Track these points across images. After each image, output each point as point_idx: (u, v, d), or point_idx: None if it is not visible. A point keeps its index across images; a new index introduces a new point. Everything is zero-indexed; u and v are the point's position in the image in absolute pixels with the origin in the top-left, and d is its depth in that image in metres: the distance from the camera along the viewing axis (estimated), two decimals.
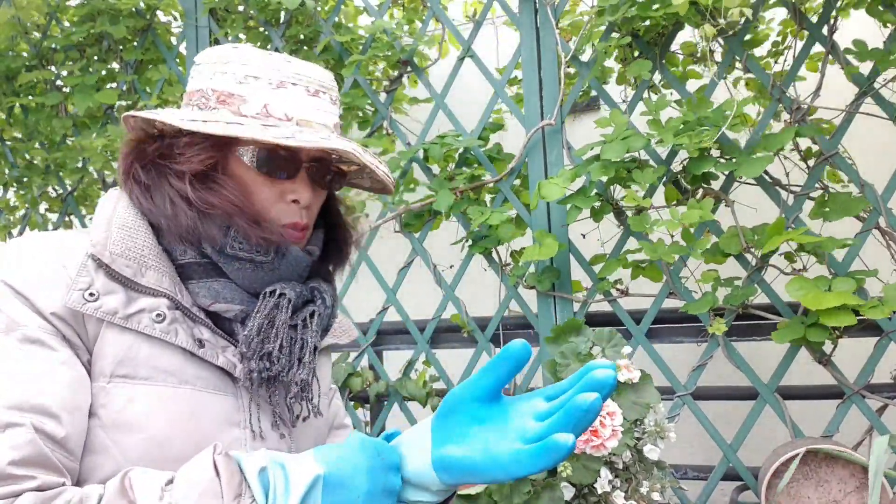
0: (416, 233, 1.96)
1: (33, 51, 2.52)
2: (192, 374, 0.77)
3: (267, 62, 0.82)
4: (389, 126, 2.05)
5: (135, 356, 0.74)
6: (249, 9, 2.20)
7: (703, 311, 1.54)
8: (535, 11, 1.82)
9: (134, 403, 0.72)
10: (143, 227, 0.80)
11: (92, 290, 0.73)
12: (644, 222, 1.58)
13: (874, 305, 1.39)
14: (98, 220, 0.79)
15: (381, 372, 2.01)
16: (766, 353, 1.77)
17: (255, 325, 0.78)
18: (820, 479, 1.37)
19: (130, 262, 0.76)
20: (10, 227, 2.70)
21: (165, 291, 0.77)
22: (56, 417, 0.68)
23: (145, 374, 0.74)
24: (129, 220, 0.80)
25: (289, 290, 0.81)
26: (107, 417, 0.72)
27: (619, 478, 1.04)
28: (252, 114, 0.80)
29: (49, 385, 0.68)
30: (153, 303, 0.76)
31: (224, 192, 0.79)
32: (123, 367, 0.73)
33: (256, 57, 0.83)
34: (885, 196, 1.49)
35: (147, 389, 0.74)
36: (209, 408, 0.77)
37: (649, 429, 1.09)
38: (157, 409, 0.73)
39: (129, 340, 0.74)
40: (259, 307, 0.79)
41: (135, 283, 0.76)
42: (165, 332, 0.75)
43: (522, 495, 1.01)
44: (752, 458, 1.66)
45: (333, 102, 0.87)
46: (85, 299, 0.72)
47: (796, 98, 1.60)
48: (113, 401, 0.72)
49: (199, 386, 0.77)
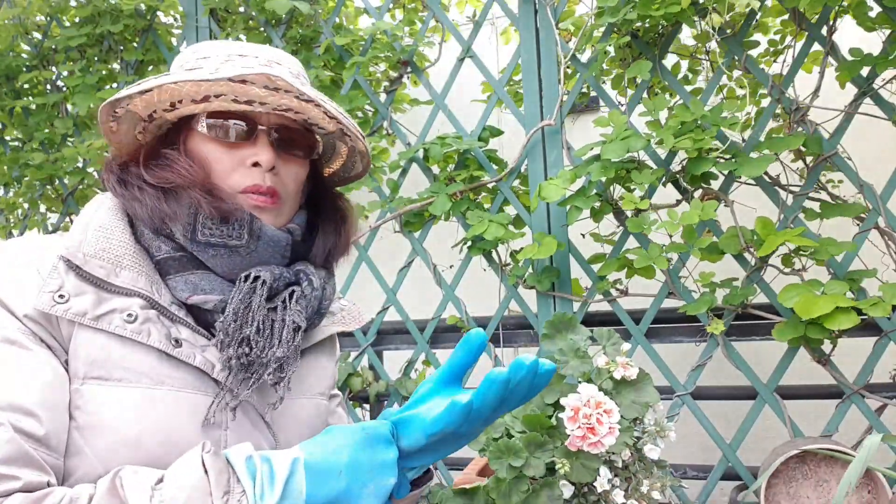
0: (416, 232, 1.96)
1: (34, 51, 2.52)
2: (167, 373, 0.75)
3: (217, 46, 0.84)
4: (389, 126, 2.05)
5: (107, 357, 0.73)
6: (250, 9, 2.20)
7: (701, 311, 1.54)
8: (534, 12, 1.82)
9: (106, 406, 0.71)
10: (121, 227, 0.80)
11: (62, 291, 0.73)
12: (642, 223, 1.58)
13: (874, 303, 1.39)
14: (77, 224, 0.80)
15: (381, 372, 2.01)
16: (765, 353, 1.77)
17: (231, 311, 0.76)
18: (819, 479, 1.37)
19: (104, 262, 0.76)
20: (11, 228, 2.69)
21: (140, 291, 0.76)
22: (34, 416, 0.67)
23: (119, 376, 0.73)
24: (106, 221, 0.80)
25: (265, 272, 0.79)
26: (81, 419, 0.71)
27: (618, 477, 1.04)
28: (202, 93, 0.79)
29: (26, 384, 0.68)
30: (125, 303, 0.75)
31: (176, 166, 0.79)
32: (96, 369, 0.72)
33: (208, 44, 0.84)
34: (883, 196, 1.49)
35: (120, 391, 0.72)
36: (186, 408, 0.75)
37: (649, 428, 1.09)
38: (130, 411, 0.72)
39: (101, 341, 0.73)
40: (234, 293, 0.78)
41: (108, 283, 0.75)
42: (137, 332, 0.74)
43: (521, 493, 1.01)
44: (751, 457, 1.66)
45: (295, 76, 0.85)
46: (55, 301, 0.72)
47: (795, 98, 1.61)
48: (86, 403, 0.71)
49: (177, 386, 0.75)
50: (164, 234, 0.80)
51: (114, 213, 0.82)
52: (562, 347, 1.10)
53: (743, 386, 1.68)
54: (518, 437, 1.06)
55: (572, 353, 1.10)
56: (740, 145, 1.60)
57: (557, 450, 1.03)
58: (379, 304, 1.98)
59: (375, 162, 2.24)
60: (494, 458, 1.04)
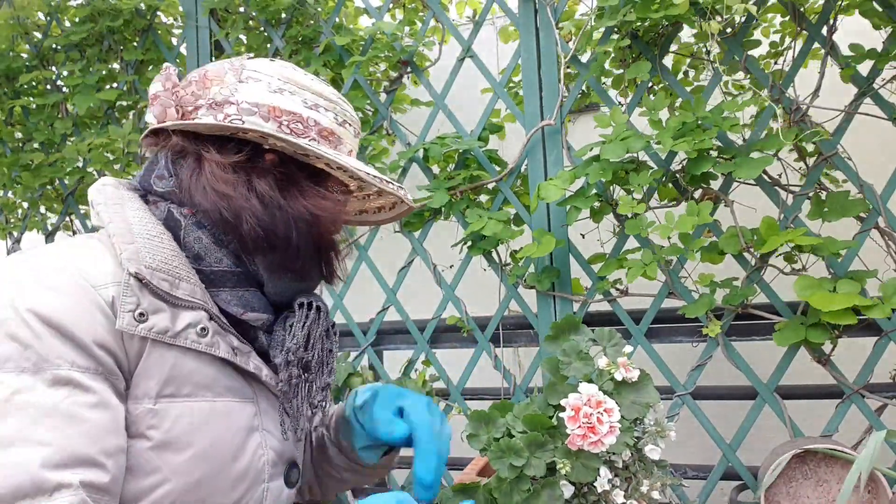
0: (416, 232, 1.96)
1: (33, 51, 2.52)
2: (224, 385, 0.78)
3: (338, 101, 0.90)
4: (389, 126, 2.05)
5: (178, 374, 0.73)
6: (250, 9, 2.20)
7: (700, 313, 1.54)
8: (534, 12, 1.82)
9: (179, 422, 0.72)
10: (167, 235, 0.79)
11: (140, 310, 0.71)
12: (640, 225, 1.58)
13: (875, 304, 1.39)
14: (118, 229, 0.75)
15: (381, 372, 2.01)
16: (765, 353, 1.77)
17: (301, 337, 0.82)
18: (819, 479, 1.37)
19: (165, 274, 0.74)
20: (10, 228, 2.69)
21: (200, 303, 0.76)
22: (101, 466, 0.65)
23: (187, 391, 0.74)
24: (150, 226, 0.78)
25: (317, 301, 0.86)
26: (156, 438, 0.71)
27: (618, 477, 1.04)
28: (345, 152, 0.89)
29: (88, 432, 0.65)
30: (195, 316, 0.75)
31: (328, 202, 0.87)
32: (168, 387, 0.72)
33: (331, 93, 0.89)
34: (884, 196, 1.49)
35: (190, 406, 0.74)
36: (237, 417, 0.79)
37: (649, 428, 1.09)
38: (202, 426, 0.74)
39: (172, 358, 0.73)
40: (299, 317, 0.83)
41: (173, 296, 0.74)
42: (210, 345, 0.76)
43: (522, 492, 1.02)
44: (751, 457, 1.66)
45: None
46: (136, 321, 0.70)
47: (796, 98, 1.61)
48: (161, 421, 0.71)
49: (230, 397, 0.78)
50: (226, 247, 0.81)
51: (147, 214, 0.80)
52: (565, 349, 1.11)
53: (743, 386, 1.68)
54: (519, 437, 1.06)
55: (575, 356, 1.10)
56: (740, 145, 1.60)
57: (558, 450, 1.03)
58: (379, 304, 1.98)
59: (375, 162, 2.24)
60: (496, 457, 1.05)
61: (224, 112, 0.81)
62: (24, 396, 0.63)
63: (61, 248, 0.75)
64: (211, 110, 0.82)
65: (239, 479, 0.77)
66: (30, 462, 0.60)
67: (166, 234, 0.78)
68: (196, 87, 0.83)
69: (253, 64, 0.86)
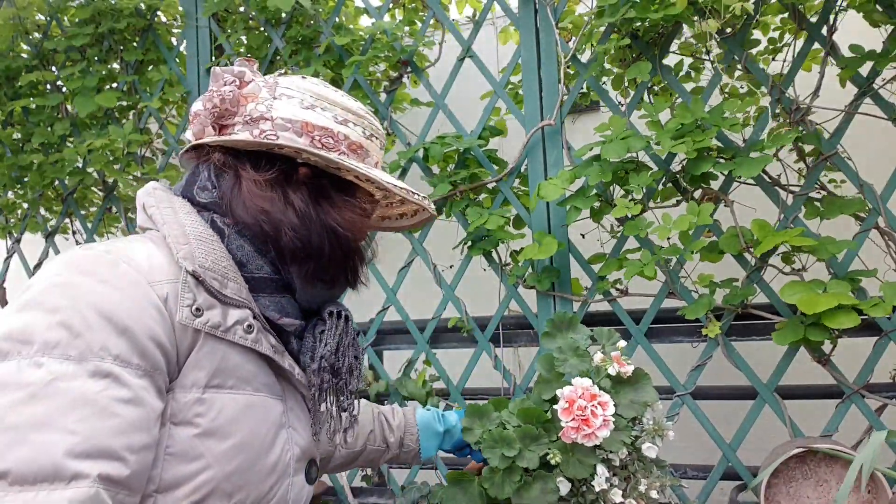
0: (415, 232, 1.96)
1: (34, 51, 2.52)
2: (261, 381, 0.83)
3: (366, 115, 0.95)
4: (389, 126, 2.05)
5: (225, 367, 0.78)
6: (250, 9, 2.20)
7: (700, 314, 1.54)
8: (535, 12, 1.82)
9: (223, 413, 0.77)
10: (216, 238, 0.84)
11: (197, 305, 0.76)
12: (640, 226, 1.58)
13: (875, 304, 1.39)
14: (172, 230, 0.81)
15: (381, 371, 2.01)
16: (765, 353, 1.77)
17: (333, 344, 0.88)
18: (819, 479, 1.37)
19: (216, 274, 0.80)
20: (10, 229, 2.69)
21: (246, 302, 0.82)
22: (123, 460, 0.66)
23: (231, 384, 0.79)
24: (202, 229, 0.83)
25: (346, 310, 0.92)
26: (203, 425, 0.75)
27: (616, 476, 1.04)
28: (372, 164, 0.94)
29: (118, 426, 0.66)
30: (242, 314, 0.81)
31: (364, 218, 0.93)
32: (216, 378, 0.77)
33: (359, 108, 0.95)
34: (884, 196, 1.49)
35: (234, 397, 0.79)
36: (271, 412, 0.84)
37: (647, 427, 1.09)
38: (241, 417, 0.78)
39: (221, 351, 0.78)
40: (329, 326, 0.89)
41: (223, 294, 0.79)
42: (255, 341, 0.81)
43: (513, 483, 1.02)
44: (751, 457, 1.66)
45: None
46: (193, 315, 0.75)
47: (796, 98, 1.61)
48: (208, 410, 0.76)
49: (265, 392, 0.83)
50: (265, 256, 0.86)
51: (197, 218, 0.85)
52: (560, 346, 1.11)
53: (743, 386, 1.67)
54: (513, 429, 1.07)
55: (571, 352, 1.10)
56: (740, 146, 1.59)
57: (553, 444, 1.03)
58: (379, 304, 1.99)
59: None
60: (488, 447, 1.06)
61: (259, 128, 0.86)
62: (63, 383, 0.65)
63: (118, 245, 0.78)
64: (247, 126, 0.87)
65: (269, 472, 0.82)
66: (56, 448, 0.62)
67: (215, 238, 0.84)
68: (231, 105, 0.88)
69: (286, 80, 0.91)
